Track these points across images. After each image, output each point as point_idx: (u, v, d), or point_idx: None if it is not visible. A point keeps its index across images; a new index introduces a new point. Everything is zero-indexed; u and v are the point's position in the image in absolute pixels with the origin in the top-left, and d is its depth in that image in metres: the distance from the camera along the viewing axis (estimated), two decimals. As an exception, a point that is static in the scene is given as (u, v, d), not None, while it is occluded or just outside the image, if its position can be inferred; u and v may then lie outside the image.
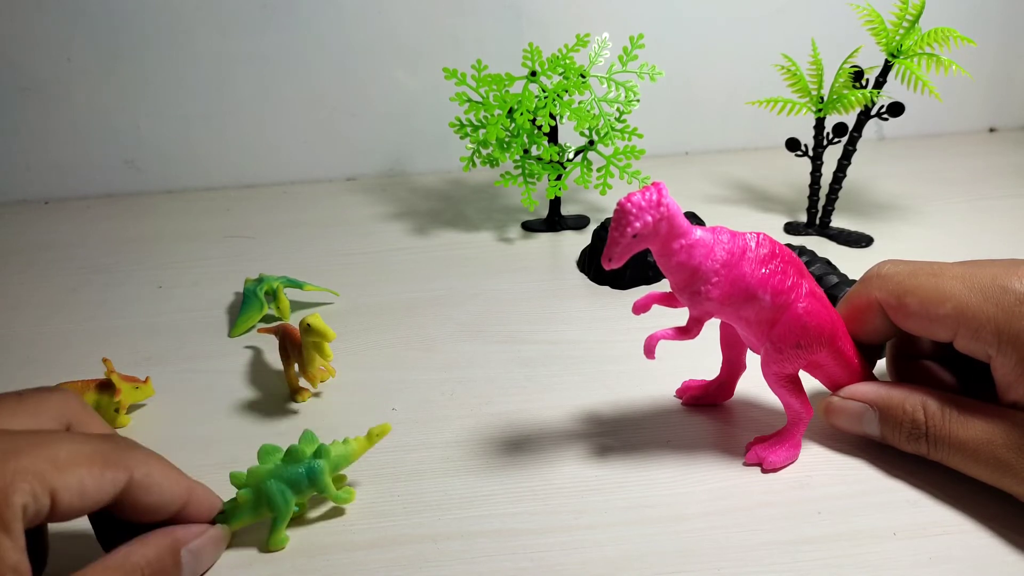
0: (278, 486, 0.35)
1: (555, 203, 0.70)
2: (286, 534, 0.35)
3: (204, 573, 0.34)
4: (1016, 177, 0.78)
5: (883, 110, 0.61)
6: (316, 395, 0.46)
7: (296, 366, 0.46)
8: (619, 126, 0.65)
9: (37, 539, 0.31)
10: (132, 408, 0.45)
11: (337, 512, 0.37)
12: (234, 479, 0.35)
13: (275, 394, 0.47)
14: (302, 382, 0.47)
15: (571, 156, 0.67)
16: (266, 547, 0.35)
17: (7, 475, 0.27)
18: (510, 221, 0.72)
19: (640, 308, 0.38)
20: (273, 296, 0.55)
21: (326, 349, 0.44)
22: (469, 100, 0.65)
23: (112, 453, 0.30)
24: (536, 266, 0.63)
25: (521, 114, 0.63)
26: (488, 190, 0.80)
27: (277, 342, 0.47)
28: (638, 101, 0.64)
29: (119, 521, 0.32)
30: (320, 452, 0.36)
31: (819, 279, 0.53)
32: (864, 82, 0.60)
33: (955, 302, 0.34)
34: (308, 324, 0.42)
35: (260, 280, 0.56)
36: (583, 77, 0.63)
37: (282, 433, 0.43)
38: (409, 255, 0.66)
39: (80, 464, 0.29)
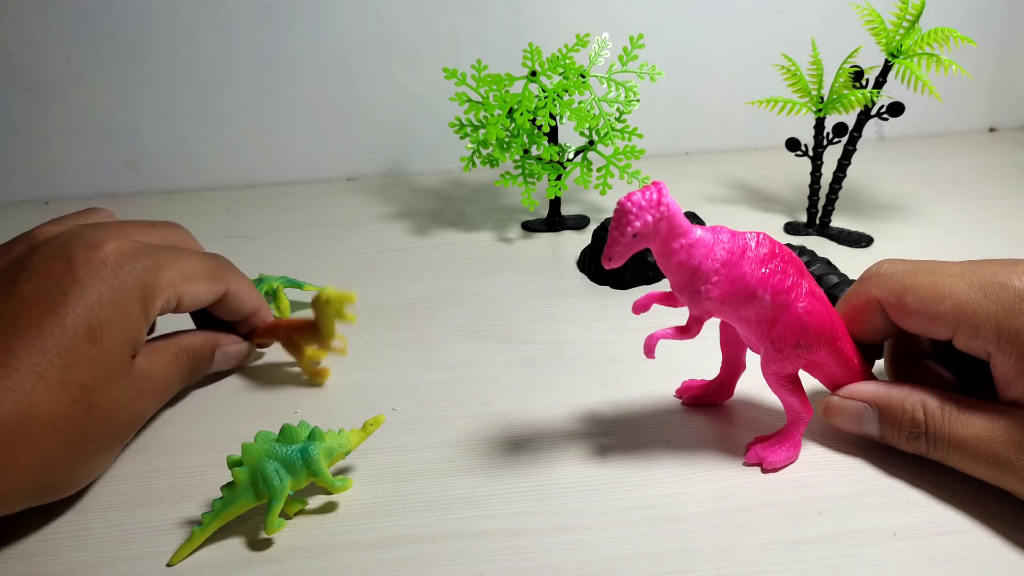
0: (273, 465, 0.35)
1: (555, 203, 0.70)
2: (281, 519, 0.35)
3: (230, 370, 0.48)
4: (1016, 177, 0.78)
5: (883, 110, 0.61)
6: (309, 392, 0.47)
7: (307, 351, 0.47)
8: (619, 126, 0.65)
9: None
10: (132, 408, 0.45)
11: (337, 512, 0.37)
12: (230, 461, 0.36)
13: (276, 393, 0.47)
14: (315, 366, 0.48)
15: (571, 156, 0.67)
16: (264, 531, 0.35)
17: (156, 283, 0.40)
18: (510, 221, 0.72)
19: (640, 308, 0.38)
20: (273, 296, 0.55)
21: (347, 314, 0.44)
22: (469, 100, 0.65)
23: (218, 271, 0.44)
24: (536, 266, 0.63)
25: (521, 114, 0.63)
26: (488, 190, 0.80)
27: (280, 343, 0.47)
28: (638, 101, 0.64)
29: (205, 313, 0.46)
30: (314, 435, 0.36)
31: (819, 279, 0.53)
32: (864, 82, 0.60)
33: (955, 299, 0.34)
34: (327, 297, 0.43)
35: (260, 280, 0.56)
36: (583, 77, 0.63)
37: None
38: (409, 255, 0.66)
39: (200, 278, 0.42)
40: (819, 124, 0.64)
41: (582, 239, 0.67)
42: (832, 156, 0.66)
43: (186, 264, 0.42)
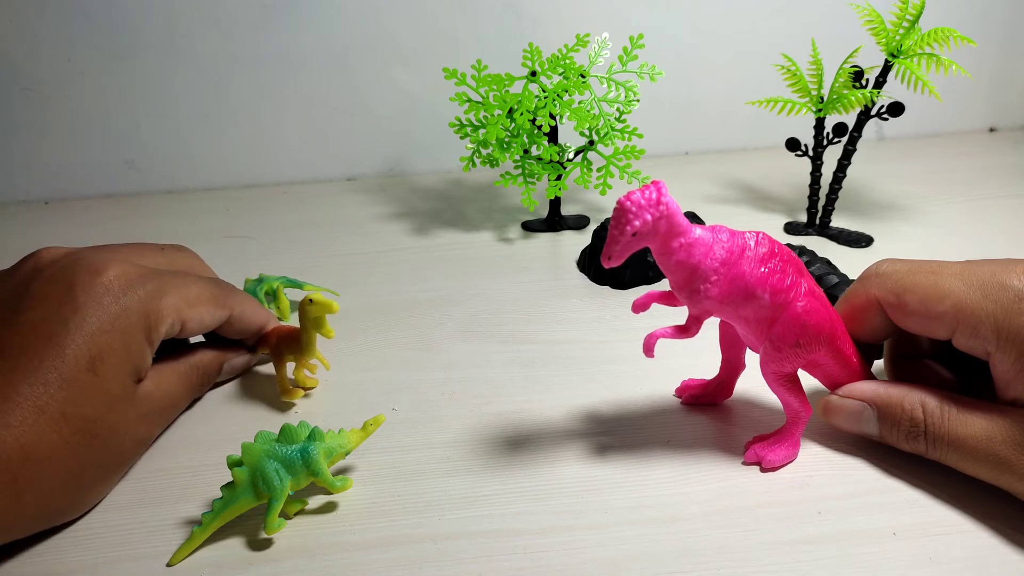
0: (273, 465, 0.35)
1: (555, 203, 0.70)
2: (281, 519, 0.35)
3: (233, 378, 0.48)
4: (1016, 177, 0.78)
5: (883, 110, 0.61)
6: (307, 396, 0.46)
7: (287, 367, 0.46)
8: (619, 126, 0.65)
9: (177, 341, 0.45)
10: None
11: (337, 512, 0.37)
12: (230, 461, 0.36)
13: (275, 394, 0.47)
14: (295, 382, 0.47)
15: (571, 156, 0.67)
16: (264, 531, 0.35)
17: (159, 310, 0.39)
18: (510, 221, 0.72)
19: (639, 307, 0.38)
20: (273, 296, 0.55)
21: (327, 326, 0.44)
22: (469, 100, 0.65)
23: (222, 296, 0.44)
24: (536, 266, 0.63)
25: (521, 114, 0.63)
26: (488, 190, 0.80)
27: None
28: (638, 101, 0.64)
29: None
30: (314, 435, 0.36)
31: (819, 279, 0.53)
32: (864, 82, 0.60)
33: (954, 299, 0.34)
34: (311, 299, 0.43)
35: (260, 280, 0.56)
36: (583, 77, 0.63)
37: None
38: (409, 255, 0.66)
39: (203, 303, 0.42)
40: (819, 124, 0.64)
41: (582, 239, 0.67)
42: (832, 156, 0.66)
43: (189, 289, 0.42)
